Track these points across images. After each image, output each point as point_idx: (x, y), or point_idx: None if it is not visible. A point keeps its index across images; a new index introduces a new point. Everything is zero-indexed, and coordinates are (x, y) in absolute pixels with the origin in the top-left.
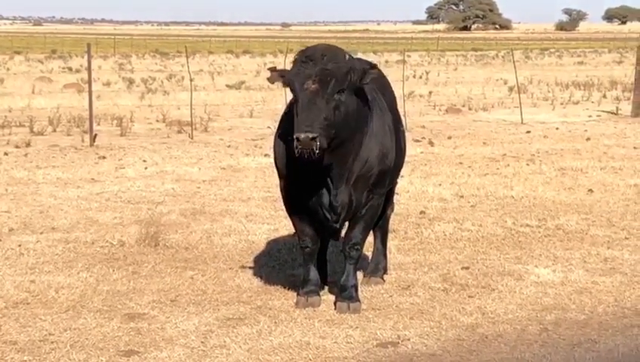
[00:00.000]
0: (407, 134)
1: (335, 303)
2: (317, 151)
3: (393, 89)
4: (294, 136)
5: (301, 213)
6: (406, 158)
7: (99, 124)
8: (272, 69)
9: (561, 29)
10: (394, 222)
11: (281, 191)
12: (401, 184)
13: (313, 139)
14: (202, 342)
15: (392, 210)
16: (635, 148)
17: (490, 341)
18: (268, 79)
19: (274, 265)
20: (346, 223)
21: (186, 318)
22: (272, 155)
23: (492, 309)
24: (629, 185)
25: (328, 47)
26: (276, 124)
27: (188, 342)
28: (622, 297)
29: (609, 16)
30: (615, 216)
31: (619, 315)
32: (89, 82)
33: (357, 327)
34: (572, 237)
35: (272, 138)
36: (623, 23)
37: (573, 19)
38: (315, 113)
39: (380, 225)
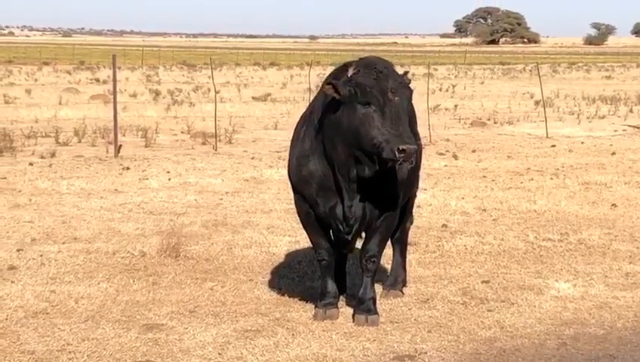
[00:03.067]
0: (431, 147)
1: (353, 316)
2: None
3: (415, 102)
4: (399, 147)
5: (316, 226)
6: (430, 171)
7: (124, 135)
8: (332, 83)
9: (590, 43)
10: (415, 235)
11: (296, 204)
12: (424, 197)
13: (415, 151)
14: (219, 354)
15: (411, 223)
16: None
17: (508, 355)
18: (328, 90)
19: (294, 277)
20: (362, 236)
21: (204, 329)
22: (287, 169)
23: (511, 323)
24: None
25: (382, 59)
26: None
27: (205, 354)
28: None
29: (638, 30)
30: (638, 231)
31: (638, 330)
32: (114, 93)
33: (374, 340)
34: (594, 252)
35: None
36: None
37: (602, 33)
38: (407, 126)
39: (398, 237)
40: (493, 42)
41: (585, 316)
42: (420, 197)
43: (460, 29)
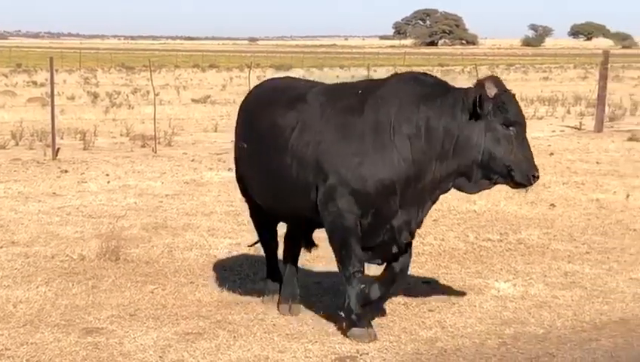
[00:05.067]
0: None
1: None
2: None
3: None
4: (535, 174)
5: (358, 239)
6: None
7: (62, 138)
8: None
9: (528, 45)
10: None
11: (342, 216)
12: None
13: None
14: (160, 357)
15: None
16: (597, 163)
17: (449, 355)
18: (485, 108)
19: (235, 279)
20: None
21: (145, 333)
22: (354, 182)
23: (452, 323)
24: (591, 200)
25: None
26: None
27: (146, 357)
28: (581, 311)
29: (575, 32)
30: (576, 231)
31: (577, 329)
32: (51, 96)
33: (316, 342)
34: (533, 252)
35: (352, 168)
36: (589, 39)
37: (540, 34)
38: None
39: None
40: (432, 44)
41: (525, 315)
42: None
43: (399, 30)
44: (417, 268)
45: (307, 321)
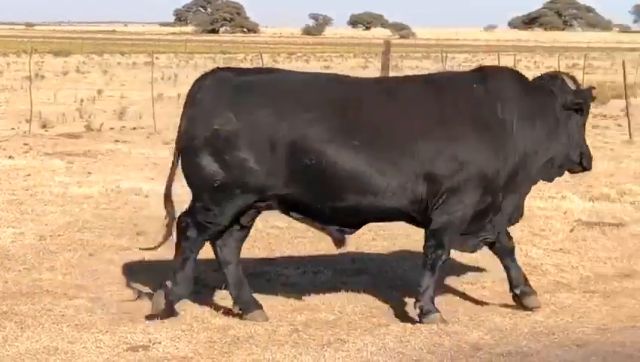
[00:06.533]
0: (157, 136)
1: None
2: None
3: (141, 90)
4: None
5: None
6: (156, 161)
7: None
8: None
9: (308, 34)
10: (144, 224)
11: (472, 200)
12: (152, 186)
13: None
14: None
15: None
16: None
17: (242, 342)
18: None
19: (20, 269)
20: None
21: None
22: (485, 168)
23: None
24: None
25: None
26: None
27: None
28: (370, 297)
29: (354, 21)
30: None
31: (367, 315)
32: None
33: (107, 332)
34: (321, 239)
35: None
36: (368, 28)
37: (320, 24)
38: None
39: None
40: (214, 31)
41: (315, 302)
42: (154, 186)
43: (180, 17)
44: (208, 256)
45: (96, 311)
